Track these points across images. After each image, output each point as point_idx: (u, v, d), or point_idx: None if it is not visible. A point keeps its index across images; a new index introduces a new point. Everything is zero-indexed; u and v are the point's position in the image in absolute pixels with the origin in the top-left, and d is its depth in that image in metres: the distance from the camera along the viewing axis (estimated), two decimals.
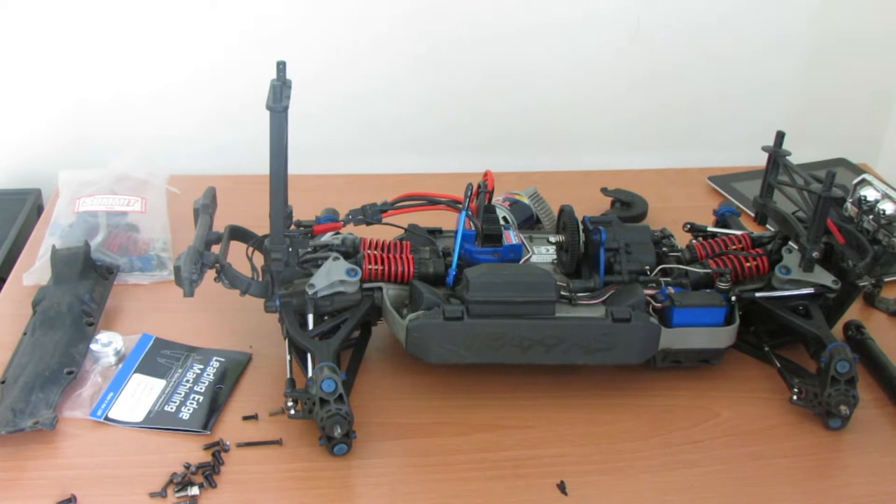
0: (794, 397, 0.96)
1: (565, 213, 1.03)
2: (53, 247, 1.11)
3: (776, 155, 1.03)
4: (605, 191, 1.33)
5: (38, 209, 1.33)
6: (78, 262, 1.07)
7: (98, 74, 1.34)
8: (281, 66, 0.84)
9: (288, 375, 0.93)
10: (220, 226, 0.99)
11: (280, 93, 0.84)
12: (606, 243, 0.98)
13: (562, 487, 0.88)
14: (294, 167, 0.89)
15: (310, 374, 0.91)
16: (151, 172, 1.26)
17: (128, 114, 1.37)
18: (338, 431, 0.86)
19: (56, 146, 1.36)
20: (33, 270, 1.11)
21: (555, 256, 1.05)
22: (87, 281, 1.06)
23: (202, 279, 0.90)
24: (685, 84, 1.48)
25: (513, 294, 0.91)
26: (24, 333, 1.00)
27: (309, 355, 0.92)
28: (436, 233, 1.05)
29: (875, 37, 1.49)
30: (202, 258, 0.89)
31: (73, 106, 1.35)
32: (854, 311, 1.10)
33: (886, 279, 1.17)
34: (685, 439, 0.94)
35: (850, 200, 0.98)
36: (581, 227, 1.02)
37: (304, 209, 1.00)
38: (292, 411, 0.90)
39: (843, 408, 0.92)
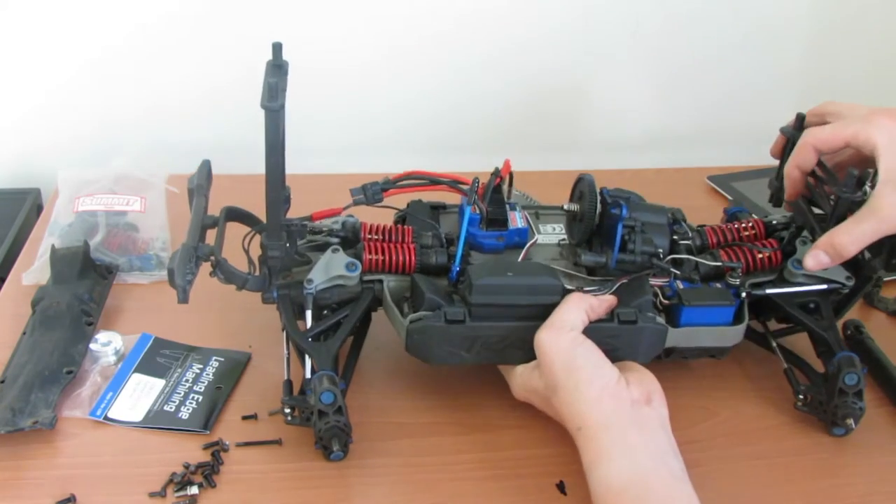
0: (799, 403, 0.95)
1: (584, 182, 0.99)
2: (53, 246, 1.10)
3: (794, 139, 0.98)
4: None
5: (38, 208, 1.33)
6: (77, 262, 1.07)
7: (97, 74, 1.33)
8: (277, 48, 0.81)
9: (285, 377, 0.92)
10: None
11: (276, 89, 0.79)
12: (625, 220, 0.95)
13: (561, 487, 0.88)
14: (294, 167, 0.89)
15: (307, 373, 0.90)
16: (151, 172, 1.25)
17: (127, 113, 1.36)
18: (336, 445, 0.86)
19: (56, 146, 1.36)
20: (33, 270, 1.11)
21: (561, 237, 1.02)
22: (87, 280, 1.06)
23: (197, 274, 0.88)
24: (685, 84, 1.48)
25: (517, 297, 0.89)
26: (24, 333, 1.00)
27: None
28: (439, 208, 1.03)
29: (875, 37, 1.49)
30: (196, 251, 0.85)
31: (73, 105, 1.35)
32: (854, 311, 1.10)
33: (886, 278, 1.16)
34: (685, 439, 0.93)
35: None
36: (599, 198, 0.98)
37: (303, 209, 1.00)
38: (289, 417, 0.89)
39: (849, 421, 0.92)
